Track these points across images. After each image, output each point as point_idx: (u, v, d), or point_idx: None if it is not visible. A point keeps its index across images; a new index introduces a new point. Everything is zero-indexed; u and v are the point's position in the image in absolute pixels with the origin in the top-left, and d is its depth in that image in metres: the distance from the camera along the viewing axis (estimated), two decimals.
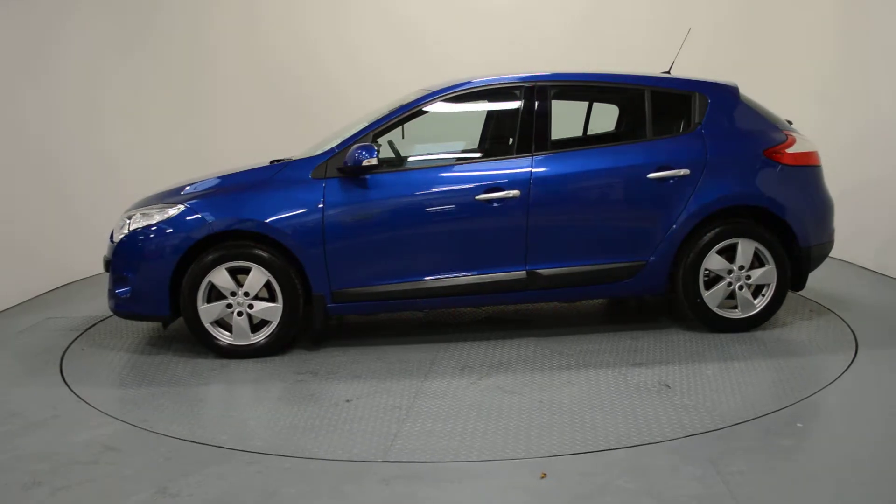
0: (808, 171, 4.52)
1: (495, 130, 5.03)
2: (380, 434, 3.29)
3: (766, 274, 4.43)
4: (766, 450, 3.00)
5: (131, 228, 4.38)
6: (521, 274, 4.35)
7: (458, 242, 4.33)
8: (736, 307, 4.48)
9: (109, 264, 4.46)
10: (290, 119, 7.46)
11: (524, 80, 4.49)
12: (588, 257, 4.39)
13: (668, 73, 4.86)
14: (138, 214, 4.43)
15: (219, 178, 4.54)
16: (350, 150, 4.23)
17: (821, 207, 4.57)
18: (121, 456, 3.15)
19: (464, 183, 4.33)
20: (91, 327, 5.11)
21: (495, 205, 4.26)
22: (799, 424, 3.23)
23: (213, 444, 3.22)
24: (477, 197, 4.27)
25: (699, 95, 4.52)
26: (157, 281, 4.27)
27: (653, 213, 4.38)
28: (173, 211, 4.33)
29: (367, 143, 4.24)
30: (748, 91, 4.69)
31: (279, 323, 4.30)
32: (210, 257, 4.23)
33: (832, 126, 6.26)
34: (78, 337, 4.89)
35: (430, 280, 4.33)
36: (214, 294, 4.30)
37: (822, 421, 3.31)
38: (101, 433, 3.38)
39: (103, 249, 6.94)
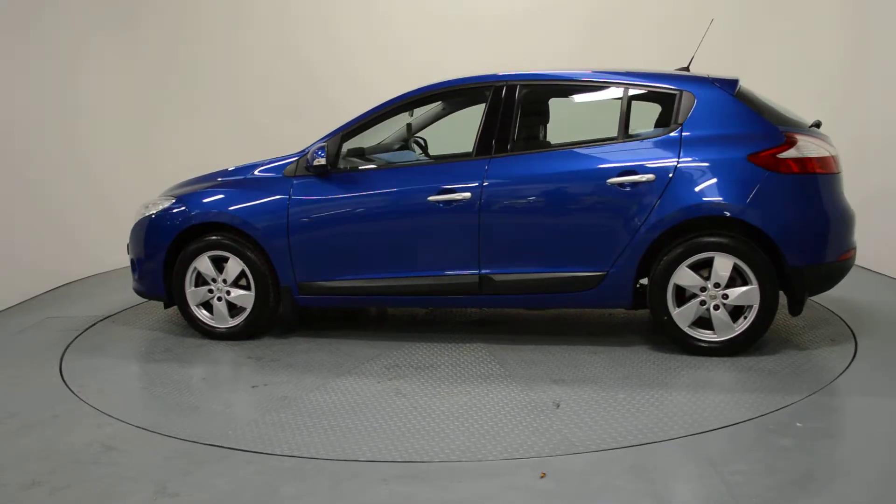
0: (807, 180, 3.99)
1: (463, 131, 5.03)
2: (237, 420, 3.51)
3: (747, 294, 3.97)
4: (766, 450, 3.00)
5: (139, 218, 4.86)
6: (473, 278, 4.29)
7: (411, 243, 4.37)
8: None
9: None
10: (289, 119, 7.48)
11: (494, 79, 4.44)
12: (544, 264, 4.21)
13: (688, 69, 4.64)
14: (148, 205, 4.87)
15: (223, 170, 4.89)
16: (312, 151, 4.46)
17: (824, 221, 4.02)
18: (121, 456, 3.15)
19: (418, 183, 4.35)
20: (91, 327, 5.11)
21: (441, 206, 4.25)
22: (799, 424, 3.23)
23: (213, 444, 3.22)
24: (429, 198, 4.28)
25: (686, 93, 4.15)
26: (153, 266, 4.74)
27: (612, 221, 4.09)
28: (167, 203, 4.76)
29: (322, 144, 4.42)
30: (769, 86, 4.39)
31: (251, 310, 4.60)
32: (193, 246, 4.61)
33: (834, 126, 6.23)
34: (78, 336, 4.89)
35: (388, 278, 4.40)
36: (202, 279, 4.68)
37: (822, 421, 3.31)
38: (101, 433, 3.38)
39: (101, 249, 6.97)
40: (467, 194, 4.21)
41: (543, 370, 4.01)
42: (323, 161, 4.39)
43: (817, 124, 4.33)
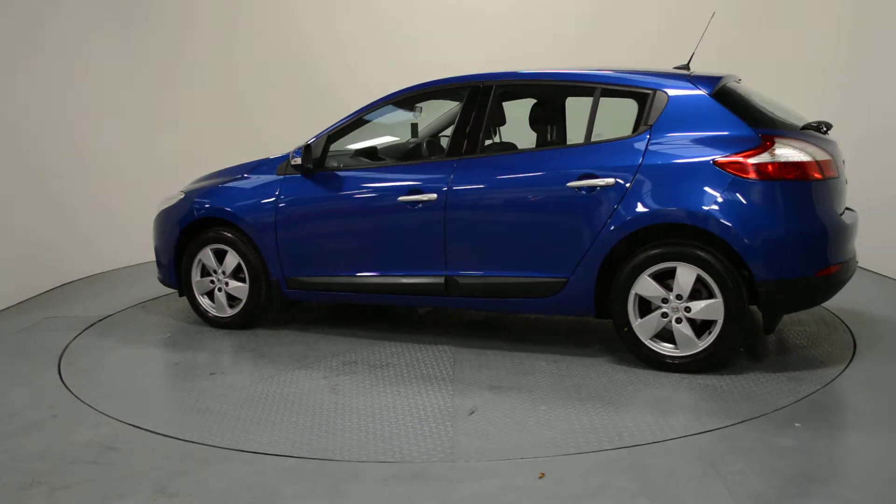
0: (781, 186, 3.67)
1: (440, 131, 5.15)
2: (166, 402, 3.81)
3: (711, 308, 3.70)
4: (766, 450, 3.00)
5: (158, 210, 5.13)
6: (440, 279, 4.28)
7: (383, 242, 4.43)
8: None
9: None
10: (294, 117, 7.46)
11: (467, 80, 4.43)
12: (506, 268, 4.13)
13: (688, 66, 4.48)
14: (168, 198, 5.12)
15: (238, 166, 5.07)
16: (293, 151, 4.58)
17: (799, 232, 3.67)
18: (120, 456, 3.15)
19: (391, 184, 4.40)
20: (90, 327, 5.11)
21: (408, 207, 4.27)
22: (797, 424, 3.23)
23: (212, 444, 3.22)
24: (399, 198, 4.30)
25: (658, 93, 3.94)
26: (167, 256, 5.03)
27: (572, 226, 3.94)
28: (180, 197, 5.01)
29: (300, 145, 4.52)
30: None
31: (246, 301, 4.82)
32: (198, 239, 4.87)
33: (839, 125, 6.14)
34: (78, 336, 4.89)
35: (363, 276, 4.49)
36: (207, 271, 4.93)
37: (821, 421, 3.31)
38: (101, 433, 3.38)
39: (101, 248, 6.93)
40: (433, 195, 4.22)
41: (490, 375, 3.95)
42: (299, 161, 4.50)
43: (819, 126, 4.07)
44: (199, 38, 7.63)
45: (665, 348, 3.87)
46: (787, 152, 3.70)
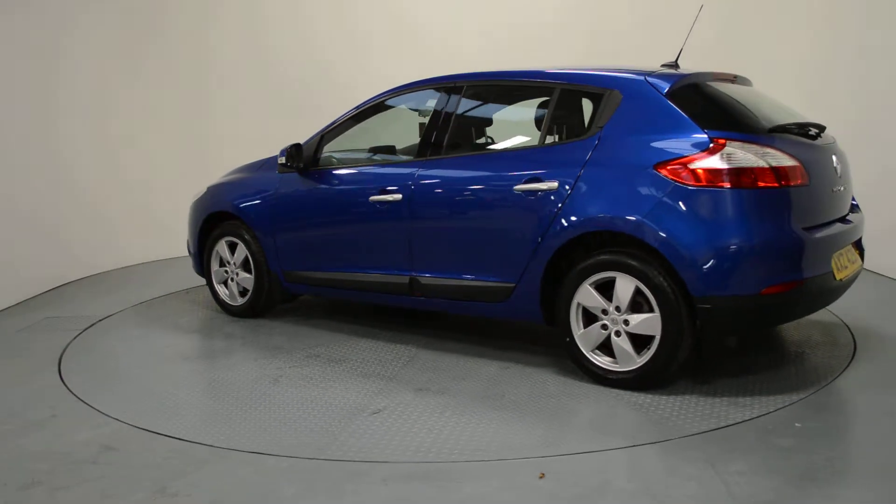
0: (725, 194, 3.34)
1: (418, 133, 5.17)
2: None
3: (648, 323, 3.48)
4: (765, 450, 3.00)
5: (191, 203, 5.43)
6: (405, 278, 4.31)
7: (359, 240, 4.53)
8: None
9: None
10: (298, 118, 7.46)
11: (438, 81, 4.46)
12: (462, 271, 4.10)
13: (676, 63, 4.26)
14: (198, 192, 5.42)
15: (258, 161, 5.29)
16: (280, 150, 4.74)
17: (740, 244, 3.32)
18: (120, 456, 3.15)
19: (366, 183, 4.47)
20: (90, 327, 5.11)
21: (378, 206, 4.34)
22: (797, 424, 3.23)
23: (212, 444, 3.22)
24: (371, 198, 4.38)
25: (613, 93, 3.73)
26: (194, 247, 5.40)
27: (518, 231, 3.84)
28: (202, 192, 5.33)
29: (287, 146, 4.66)
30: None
31: (251, 292, 5.09)
32: (215, 232, 5.20)
33: (839, 124, 6.11)
34: (77, 336, 4.89)
35: (343, 273, 4.62)
36: (223, 262, 5.24)
37: (821, 421, 3.31)
38: (101, 433, 3.38)
39: (101, 248, 6.92)
40: (399, 195, 4.26)
41: (428, 378, 3.93)
42: (283, 160, 4.67)
43: (805, 128, 3.81)
44: (213, 40, 7.63)
45: (604, 362, 3.70)
46: (740, 157, 3.38)
